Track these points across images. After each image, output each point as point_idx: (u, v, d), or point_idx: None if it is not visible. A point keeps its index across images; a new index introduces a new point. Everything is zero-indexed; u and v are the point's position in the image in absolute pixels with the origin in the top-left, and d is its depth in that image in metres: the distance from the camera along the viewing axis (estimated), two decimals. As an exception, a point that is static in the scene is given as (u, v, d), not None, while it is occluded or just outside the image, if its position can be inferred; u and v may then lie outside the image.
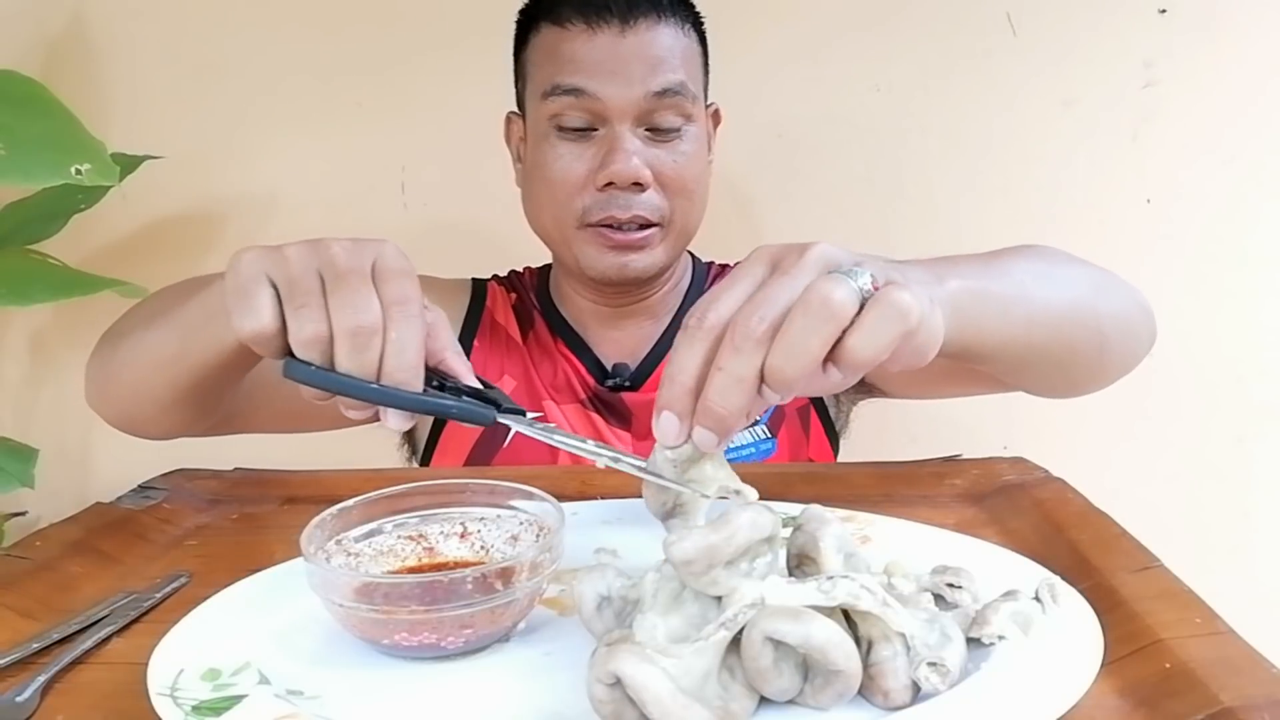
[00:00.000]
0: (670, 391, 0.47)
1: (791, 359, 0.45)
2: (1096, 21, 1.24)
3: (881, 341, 0.45)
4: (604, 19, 0.86)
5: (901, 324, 0.46)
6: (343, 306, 0.51)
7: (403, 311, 0.51)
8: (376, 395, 0.51)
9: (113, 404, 0.79)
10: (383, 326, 0.51)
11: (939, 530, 0.59)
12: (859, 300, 0.46)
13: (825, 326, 0.45)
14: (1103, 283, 0.73)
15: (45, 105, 0.99)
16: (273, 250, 0.53)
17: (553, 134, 0.88)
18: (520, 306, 1.01)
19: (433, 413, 0.52)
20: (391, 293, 0.51)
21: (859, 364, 0.46)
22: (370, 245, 0.54)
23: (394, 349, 0.51)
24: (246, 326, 0.52)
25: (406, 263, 0.54)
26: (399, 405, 0.51)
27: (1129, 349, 0.76)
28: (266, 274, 0.53)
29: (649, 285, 0.94)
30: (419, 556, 0.57)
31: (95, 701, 0.47)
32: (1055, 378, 0.74)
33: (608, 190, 0.87)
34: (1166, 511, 1.17)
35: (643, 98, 0.86)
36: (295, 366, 0.51)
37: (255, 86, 1.31)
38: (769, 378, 0.45)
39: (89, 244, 1.31)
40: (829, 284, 0.45)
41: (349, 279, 0.51)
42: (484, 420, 0.52)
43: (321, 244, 0.53)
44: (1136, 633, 0.47)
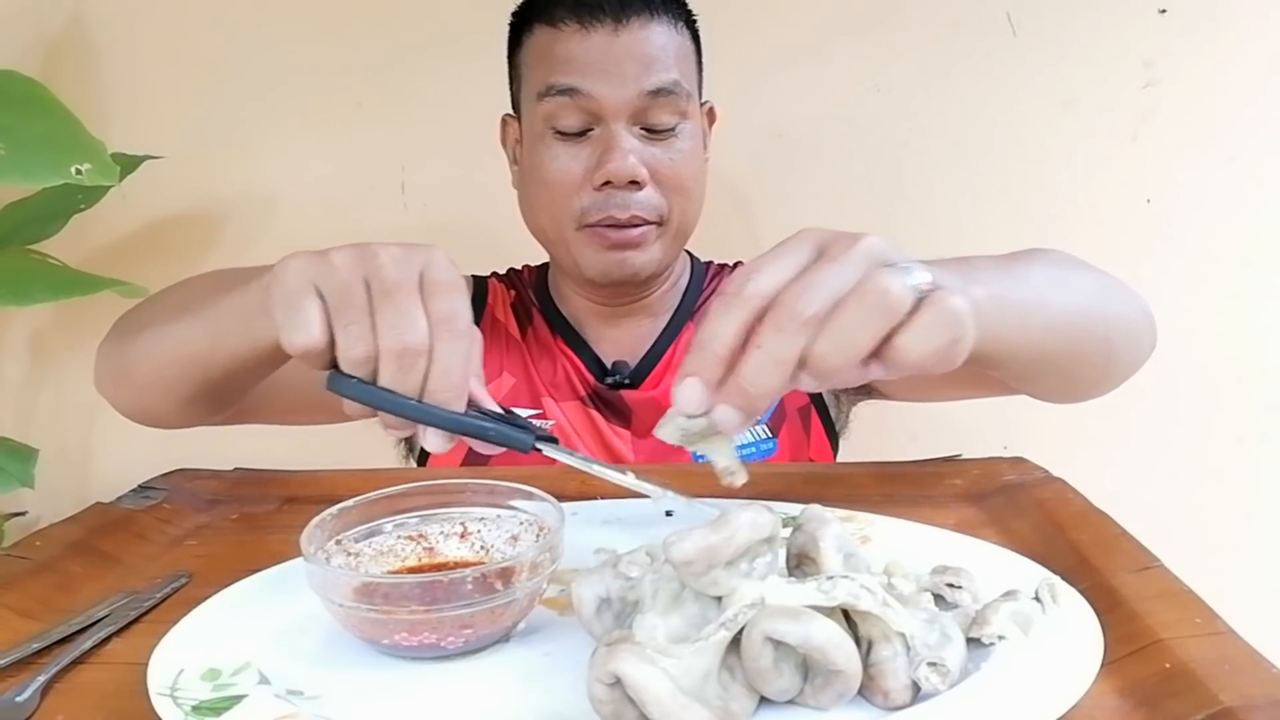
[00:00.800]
0: (700, 358, 0.46)
1: (839, 348, 0.44)
2: (1096, 21, 1.24)
3: (932, 345, 0.45)
4: (597, 18, 0.86)
5: (953, 329, 0.45)
6: (390, 326, 0.49)
7: (450, 330, 0.50)
8: (417, 414, 0.50)
9: (127, 393, 0.77)
10: (428, 346, 0.50)
11: (939, 530, 0.59)
12: (914, 298, 0.45)
13: (880, 320, 0.44)
14: (1110, 289, 0.73)
15: (45, 105, 0.99)
16: (320, 258, 0.52)
17: (548, 135, 0.88)
18: (519, 304, 1.01)
19: (471, 435, 0.51)
20: (439, 309, 0.50)
21: (906, 365, 0.45)
22: (419, 254, 0.52)
23: (438, 369, 0.50)
24: (297, 341, 0.51)
25: (455, 273, 0.52)
26: (439, 425, 0.50)
27: (1132, 356, 0.76)
28: (314, 284, 0.51)
29: (647, 284, 0.94)
30: (419, 556, 0.57)
31: (95, 701, 0.47)
32: (1061, 384, 0.74)
33: (605, 190, 0.86)
34: (1167, 511, 1.17)
35: (637, 96, 0.86)
36: (339, 381, 0.51)
37: (255, 86, 1.31)
38: (812, 364, 0.44)
39: (89, 244, 1.31)
40: (887, 277, 0.44)
41: (395, 295, 0.50)
42: (522, 446, 0.51)
43: (369, 251, 0.52)
44: (1136, 633, 0.47)
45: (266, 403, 0.85)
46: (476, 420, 0.51)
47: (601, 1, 0.86)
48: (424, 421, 0.50)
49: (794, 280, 0.46)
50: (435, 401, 0.50)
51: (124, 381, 0.77)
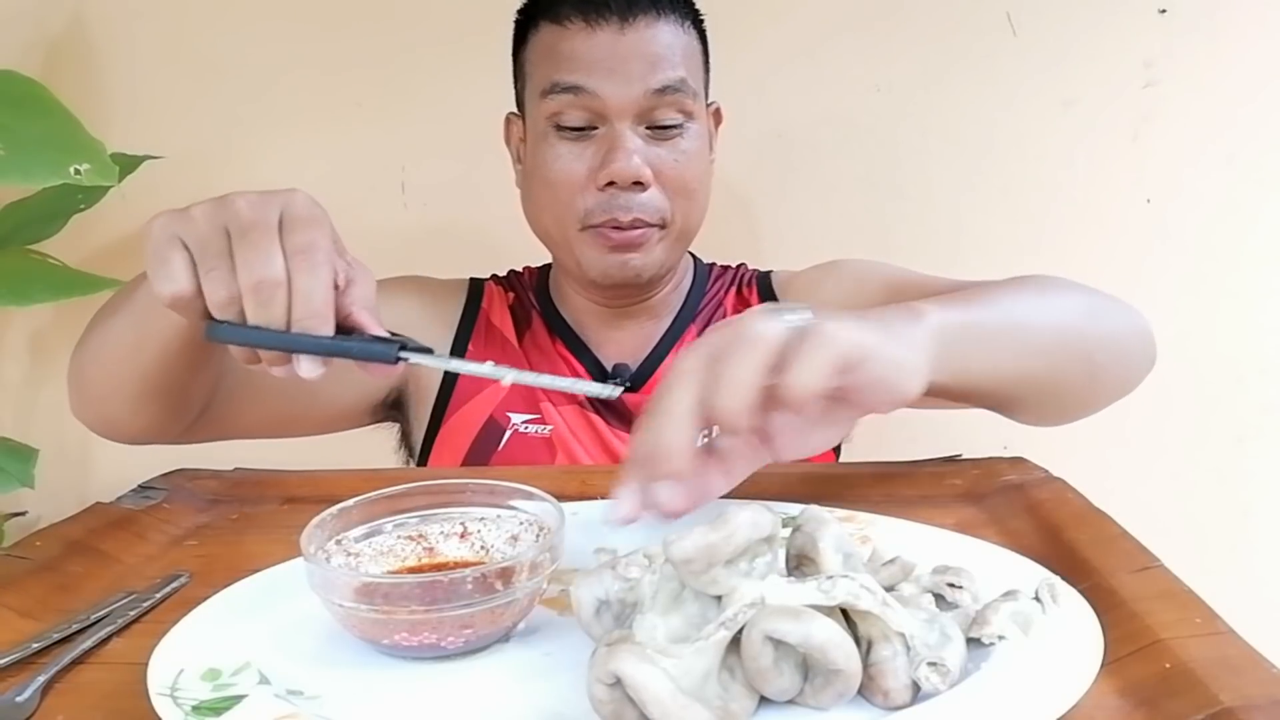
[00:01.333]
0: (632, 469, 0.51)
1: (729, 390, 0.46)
2: (1096, 21, 1.24)
3: (816, 368, 0.46)
4: (603, 16, 0.85)
5: (830, 349, 0.47)
6: (246, 264, 0.52)
7: (307, 260, 0.52)
8: (283, 342, 0.53)
9: (89, 406, 0.79)
10: (286, 278, 0.52)
11: (939, 530, 0.59)
12: (787, 333, 0.47)
13: (752, 353, 0.46)
14: (1097, 309, 0.73)
15: (45, 105, 0.99)
16: (182, 213, 0.55)
17: (552, 133, 0.88)
18: (518, 307, 1.00)
19: (335, 354, 0.53)
20: (296, 242, 0.53)
21: (801, 393, 0.46)
22: (278, 196, 0.55)
23: (300, 297, 0.52)
24: (167, 290, 0.54)
25: (316, 210, 0.55)
26: (304, 350, 0.53)
27: (1122, 375, 0.75)
28: (178, 236, 0.54)
29: (650, 286, 0.94)
30: (419, 556, 0.57)
31: (95, 701, 0.47)
32: (1044, 407, 0.73)
33: (608, 190, 0.86)
34: (1166, 511, 1.17)
35: (643, 95, 0.85)
36: (214, 328, 0.54)
37: (255, 87, 1.31)
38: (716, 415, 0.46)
39: (89, 244, 1.31)
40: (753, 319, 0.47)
41: (251, 234, 0.53)
42: (385, 356, 0.53)
43: (227, 200, 0.55)
44: (1136, 633, 0.47)
45: (237, 415, 0.86)
46: (340, 342, 0.53)
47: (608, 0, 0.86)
48: (290, 349, 0.53)
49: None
50: (301, 329, 0.52)
51: (84, 394, 0.79)
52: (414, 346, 0.54)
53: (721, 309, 0.98)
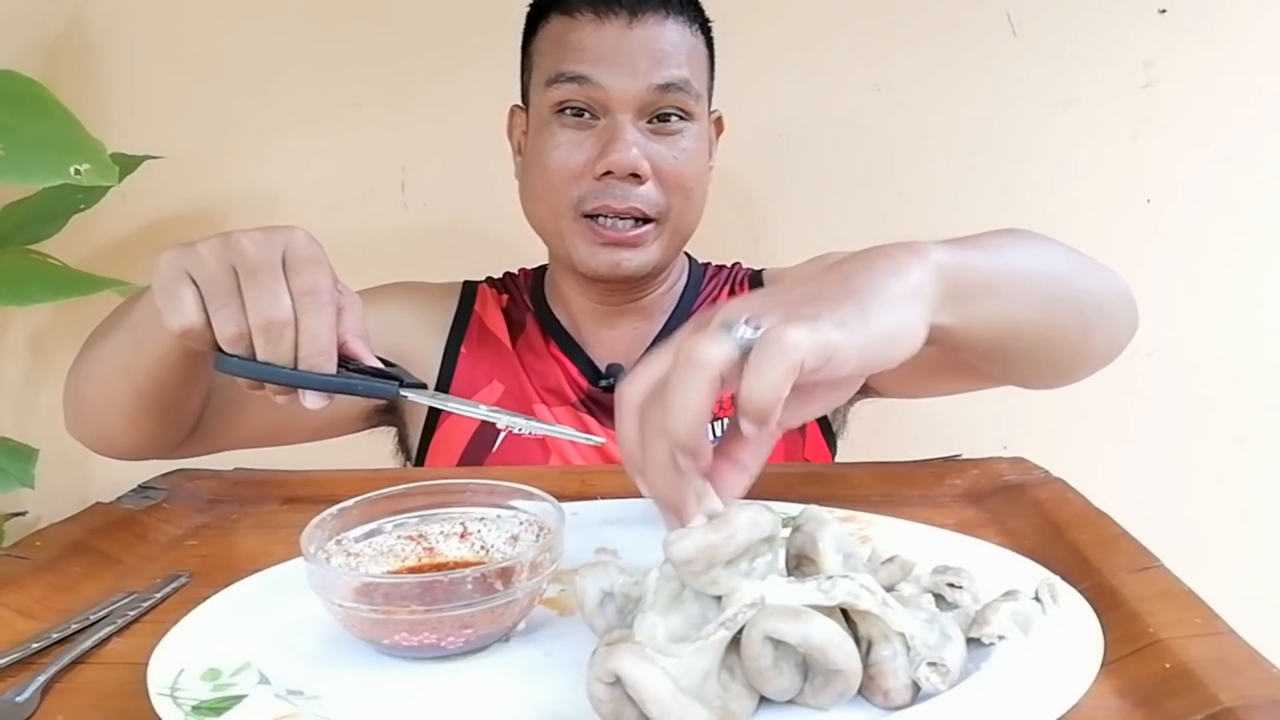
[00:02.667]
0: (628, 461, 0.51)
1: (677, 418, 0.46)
2: (1096, 21, 1.24)
3: (770, 380, 0.45)
4: (613, 10, 0.86)
5: (785, 359, 0.45)
6: (256, 304, 0.55)
7: (312, 301, 0.55)
8: (292, 379, 0.56)
9: (85, 423, 0.81)
10: (294, 318, 0.55)
11: (939, 530, 0.59)
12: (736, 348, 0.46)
13: (695, 376, 0.46)
14: (1083, 266, 0.71)
15: (45, 105, 0.99)
16: (189, 249, 0.57)
17: (554, 121, 0.88)
18: (512, 308, 1.00)
19: (342, 391, 0.56)
20: (302, 283, 0.55)
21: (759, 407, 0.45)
22: (279, 234, 0.57)
23: (306, 336, 0.55)
24: (176, 324, 0.57)
25: (316, 249, 0.57)
26: (311, 386, 0.55)
27: (1111, 333, 0.74)
28: (187, 272, 0.57)
29: (644, 284, 0.94)
30: (419, 556, 0.57)
31: (95, 701, 0.47)
32: (1040, 362, 0.72)
33: (605, 180, 0.87)
34: (1166, 511, 1.17)
35: (646, 90, 0.86)
36: (223, 360, 0.57)
37: (255, 86, 1.31)
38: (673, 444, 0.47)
39: (89, 244, 1.31)
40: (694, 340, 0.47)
41: (259, 275, 0.55)
42: (388, 393, 0.57)
43: (232, 238, 0.57)
44: (1136, 633, 0.47)
45: (228, 428, 0.87)
46: (345, 379, 0.56)
47: None
48: (299, 386, 0.56)
49: None
50: (307, 366, 0.55)
51: (80, 412, 0.81)
52: (410, 381, 0.57)
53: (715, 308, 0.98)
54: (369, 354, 0.58)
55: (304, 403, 0.56)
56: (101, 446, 0.82)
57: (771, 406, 0.45)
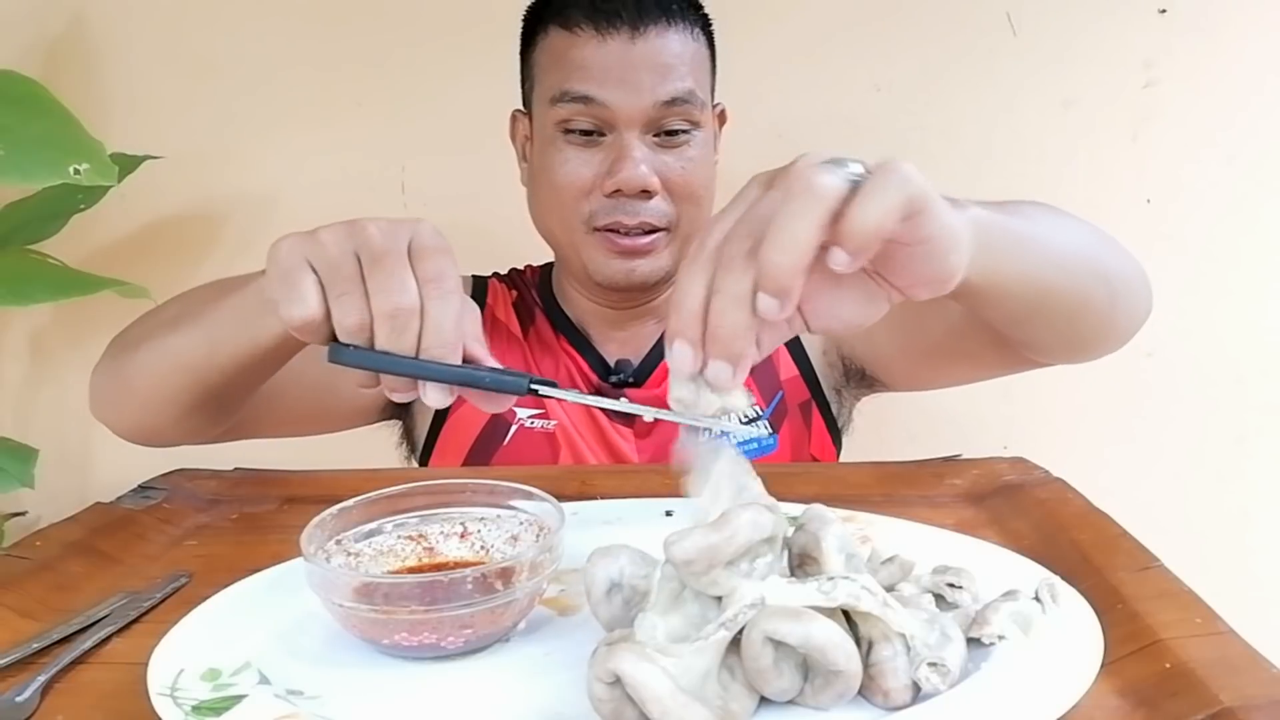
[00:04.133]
0: (678, 319, 0.46)
1: (781, 247, 0.43)
2: (1096, 21, 1.24)
3: (884, 206, 0.43)
4: (614, 25, 0.85)
5: (903, 189, 0.44)
6: (381, 290, 0.51)
7: (439, 289, 0.52)
8: (415, 370, 0.52)
9: (125, 413, 0.78)
10: (420, 306, 0.51)
11: (939, 530, 0.59)
12: (848, 183, 0.44)
13: (813, 208, 0.43)
14: (1107, 241, 0.73)
15: (44, 105, 0.99)
16: (310, 236, 0.54)
17: (560, 139, 0.88)
18: (521, 304, 1.00)
19: (468, 384, 0.52)
20: (427, 270, 0.52)
21: (859, 229, 0.43)
22: (406, 224, 0.54)
23: (431, 325, 0.51)
24: (295, 315, 0.52)
25: (442, 240, 0.54)
26: (436, 378, 0.52)
27: (1132, 311, 0.75)
28: (308, 260, 0.53)
29: (655, 289, 0.94)
30: (419, 556, 0.57)
31: (95, 701, 0.47)
32: (1065, 330, 0.72)
33: (615, 197, 0.87)
34: (1166, 511, 1.17)
35: (651, 106, 0.86)
36: (339, 351, 0.53)
37: (255, 86, 1.31)
38: (766, 279, 0.43)
39: (89, 244, 1.31)
40: (811, 170, 0.44)
41: (385, 261, 0.52)
42: (517, 389, 0.53)
43: (358, 225, 0.54)
44: (1136, 633, 0.47)
45: (261, 416, 0.86)
46: (471, 371, 0.53)
47: (619, 8, 0.85)
48: (422, 376, 0.52)
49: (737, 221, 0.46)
50: (430, 357, 0.52)
51: (123, 401, 0.78)
52: (538, 379, 0.53)
53: None
54: (488, 357, 0.54)
55: (425, 398, 0.52)
56: (139, 436, 0.80)
57: (877, 234, 0.43)
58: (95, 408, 0.80)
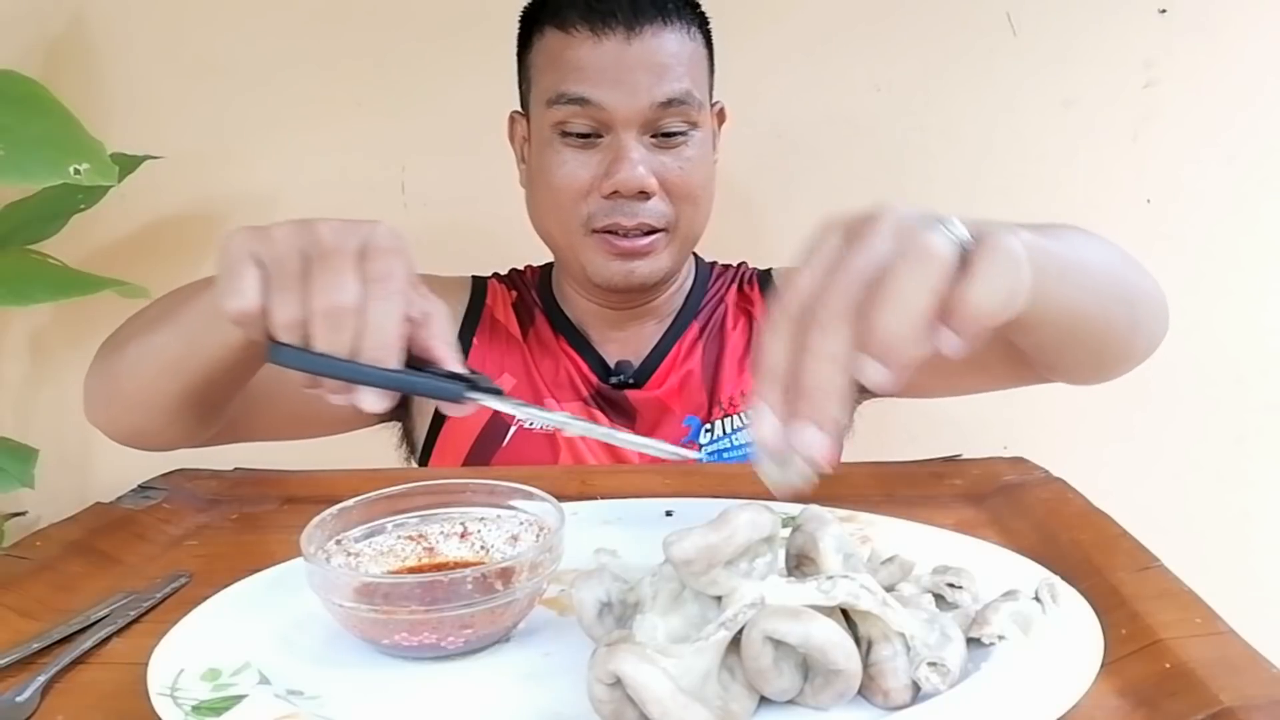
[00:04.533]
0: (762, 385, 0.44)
1: (898, 316, 0.41)
2: (1096, 21, 1.24)
3: (1001, 291, 0.42)
4: (610, 26, 0.85)
5: (1016, 272, 0.43)
6: (320, 289, 0.51)
7: (382, 289, 0.51)
8: (350, 373, 0.51)
9: (116, 416, 0.78)
10: (359, 306, 0.50)
11: (939, 530, 0.59)
12: (959, 249, 0.43)
13: (931, 276, 0.42)
14: (1133, 265, 0.73)
15: (44, 105, 0.99)
16: (261, 231, 0.54)
17: (557, 140, 0.88)
18: (520, 304, 1.00)
19: (401, 389, 0.51)
20: (373, 270, 0.51)
21: (979, 315, 0.42)
22: (361, 226, 0.54)
23: (370, 326, 0.50)
24: (232, 306, 0.52)
25: (397, 242, 0.53)
26: (369, 382, 0.51)
27: (1152, 333, 0.75)
28: (253, 254, 0.53)
29: (654, 290, 0.94)
30: (419, 556, 0.57)
31: (95, 701, 0.47)
32: (1092, 353, 0.72)
33: (613, 198, 0.86)
34: (1166, 511, 1.17)
35: (648, 107, 0.85)
36: (277, 349, 0.52)
37: (255, 86, 1.31)
38: (878, 345, 0.41)
39: (89, 244, 1.31)
40: (928, 232, 0.43)
41: (330, 259, 0.52)
42: (452, 395, 0.51)
43: (310, 224, 0.54)
44: (1136, 633, 0.47)
45: (253, 419, 0.86)
46: (407, 376, 0.51)
47: (615, 8, 0.85)
48: (356, 379, 0.51)
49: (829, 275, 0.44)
50: (367, 359, 0.50)
51: (112, 405, 0.78)
52: (484, 386, 0.52)
53: (723, 306, 0.99)
54: (455, 360, 0.53)
55: (359, 402, 0.52)
56: (130, 439, 0.80)
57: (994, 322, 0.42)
58: (89, 412, 0.80)
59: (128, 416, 0.77)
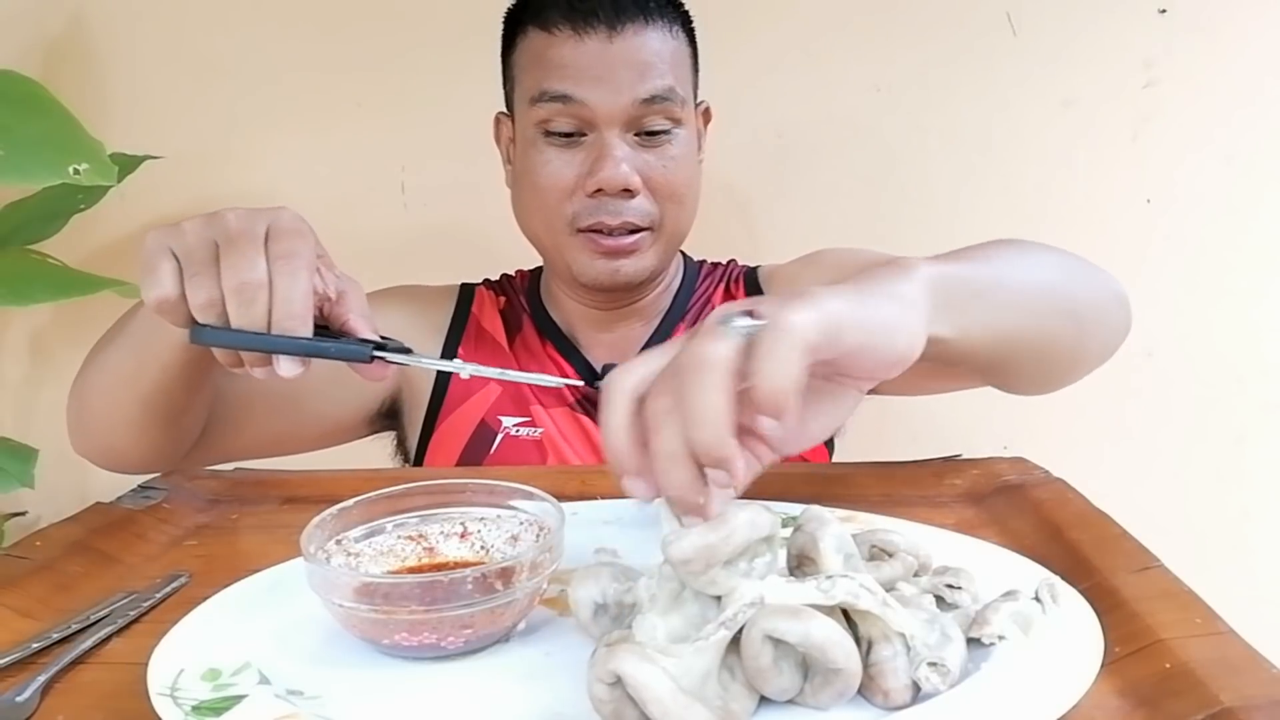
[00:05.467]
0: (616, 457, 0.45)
1: (699, 424, 0.42)
2: (1096, 21, 1.24)
3: (782, 363, 0.42)
4: (591, 25, 0.85)
5: (792, 338, 0.43)
6: (230, 268, 0.55)
7: (287, 265, 0.55)
8: (263, 344, 0.55)
9: (90, 437, 0.81)
10: (268, 281, 0.55)
11: (939, 530, 0.59)
12: (740, 340, 0.43)
13: (708, 377, 0.42)
14: (1076, 270, 0.72)
15: (44, 105, 0.99)
16: (174, 227, 0.59)
17: (541, 139, 0.88)
18: (509, 310, 1.00)
19: (312, 354, 0.56)
20: (278, 249, 0.56)
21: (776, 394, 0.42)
22: (265, 212, 0.58)
23: (279, 298, 0.55)
24: (153, 295, 0.57)
25: (300, 224, 0.58)
26: (283, 350, 0.55)
27: (1105, 338, 0.74)
28: (169, 247, 0.58)
29: (640, 289, 0.94)
30: (419, 556, 0.57)
31: (95, 701, 0.47)
32: (1032, 371, 0.72)
33: (597, 196, 0.86)
34: (1166, 511, 1.17)
35: (631, 104, 0.85)
36: (199, 331, 0.57)
37: (255, 87, 1.31)
38: (701, 455, 0.42)
39: (89, 244, 1.31)
40: (698, 339, 0.43)
41: (238, 242, 0.56)
42: (360, 355, 0.56)
43: (218, 215, 0.58)
44: (1136, 633, 0.47)
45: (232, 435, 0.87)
46: (316, 343, 0.56)
47: (596, 7, 0.85)
48: (270, 350, 0.56)
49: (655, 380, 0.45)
50: (280, 330, 0.55)
51: (85, 426, 0.81)
52: (393, 347, 0.57)
53: (710, 306, 0.98)
54: (369, 329, 0.58)
55: (278, 369, 0.56)
56: (107, 461, 0.82)
57: (789, 392, 0.42)
58: (73, 440, 0.83)
59: (99, 437, 0.80)
